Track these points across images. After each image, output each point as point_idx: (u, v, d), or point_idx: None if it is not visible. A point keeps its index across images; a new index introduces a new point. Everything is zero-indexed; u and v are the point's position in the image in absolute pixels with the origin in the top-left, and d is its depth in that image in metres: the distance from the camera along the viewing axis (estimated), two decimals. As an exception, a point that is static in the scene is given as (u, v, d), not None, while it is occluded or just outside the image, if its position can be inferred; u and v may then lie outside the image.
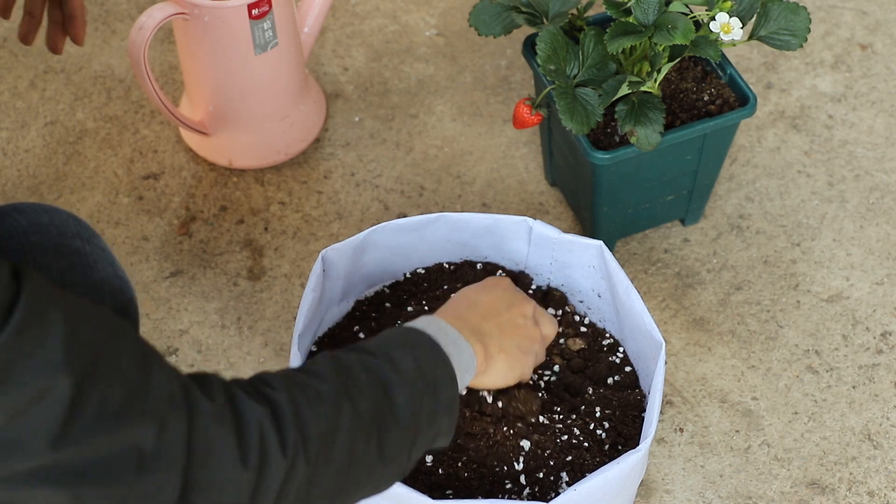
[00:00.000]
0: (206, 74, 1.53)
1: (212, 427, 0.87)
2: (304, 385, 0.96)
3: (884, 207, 1.58)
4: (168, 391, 0.86)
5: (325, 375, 0.98)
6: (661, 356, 1.20)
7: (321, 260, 1.26)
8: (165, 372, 0.87)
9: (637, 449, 1.15)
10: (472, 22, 1.39)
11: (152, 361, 0.87)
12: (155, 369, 0.86)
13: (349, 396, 0.97)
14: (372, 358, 1.01)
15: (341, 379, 0.98)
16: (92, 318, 0.84)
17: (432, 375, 1.03)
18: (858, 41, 1.74)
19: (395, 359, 1.01)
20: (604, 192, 1.43)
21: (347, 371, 0.99)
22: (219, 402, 0.89)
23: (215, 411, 0.88)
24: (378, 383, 1.00)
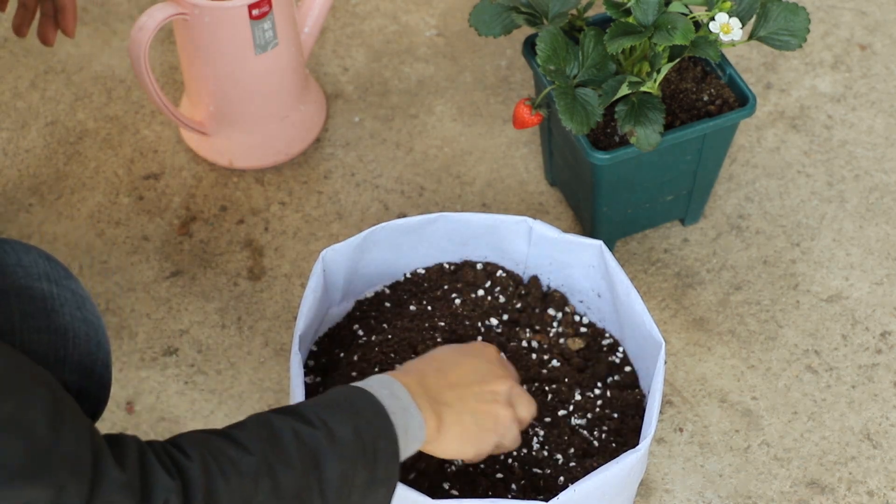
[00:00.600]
0: (206, 74, 1.53)
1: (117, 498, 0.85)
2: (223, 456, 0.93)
3: (883, 207, 1.58)
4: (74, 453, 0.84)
5: (249, 445, 0.95)
6: (661, 356, 1.20)
7: (321, 260, 1.26)
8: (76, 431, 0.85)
9: (636, 448, 1.15)
10: (472, 22, 1.39)
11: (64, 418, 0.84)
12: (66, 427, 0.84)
13: (271, 471, 0.94)
14: (307, 427, 0.97)
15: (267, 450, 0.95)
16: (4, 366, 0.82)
17: (372, 447, 0.99)
18: (858, 41, 1.74)
19: (333, 428, 0.98)
20: (604, 192, 1.43)
21: (276, 441, 0.96)
22: (130, 471, 0.87)
23: (124, 481, 0.86)
24: (309, 455, 0.96)
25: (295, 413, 0.99)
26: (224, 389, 1.44)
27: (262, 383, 1.45)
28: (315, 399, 1.02)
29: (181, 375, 1.45)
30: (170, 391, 1.44)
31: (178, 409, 1.43)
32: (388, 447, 1.01)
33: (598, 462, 1.21)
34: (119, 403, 1.43)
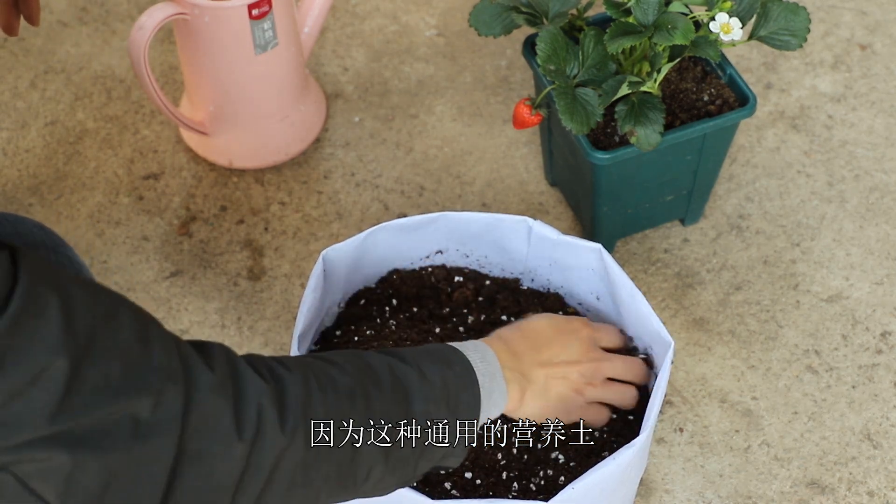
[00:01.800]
0: (206, 74, 1.53)
1: (209, 398, 0.89)
2: (321, 371, 0.97)
3: (883, 207, 1.58)
4: (167, 364, 0.87)
5: (346, 367, 0.99)
6: (669, 355, 1.20)
7: (322, 260, 1.26)
8: (164, 344, 0.88)
9: (633, 442, 1.14)
10: (472, 22, 1.39)
11: (151, 335, 0.88)
12: (154, 342, 0.87)
13: (365, 392, 0.98)
14: (402, 363, 1.03)
15: (362, 375, 0.99)
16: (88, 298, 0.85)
17: (457, 397, 1.04)
18: (858, 41, 1.74)
19: (425, 370, 1.03)
20: (604, 192, 1.43)
21: (370, 369, 1.00)
22: (220, 372, 0.90)
23: (215, 382, 0.89)
24: (400, 388, 1.01)
25: (391, 352, 1.04)
26: (224, 389, 1.44)
27: (262, 383, 1.45)
28: (412, 347, 1.07)
29: (181, 375, 1.45)
30: (170, 391, 1.44)
31: (178, 410, 1.43)
32: (470, 402, 1.05)
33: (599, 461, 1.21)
34: (119, 403, 1.43)
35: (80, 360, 0.82)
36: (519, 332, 1.18)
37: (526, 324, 1.20)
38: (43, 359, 0.81)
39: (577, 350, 1.19)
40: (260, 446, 0.91)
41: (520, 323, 1.20)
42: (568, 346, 1.18)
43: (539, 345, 1.17)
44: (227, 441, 0.90)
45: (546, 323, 1.20)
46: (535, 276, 1.35)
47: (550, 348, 1.17)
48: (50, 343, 0.81)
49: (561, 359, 1.17)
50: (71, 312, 0.83)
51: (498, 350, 1.12)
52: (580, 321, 1.23)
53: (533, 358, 1.15)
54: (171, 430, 0.87)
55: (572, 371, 1.17)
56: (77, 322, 0.83)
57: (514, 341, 1.16)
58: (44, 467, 0.83)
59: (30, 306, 0.80)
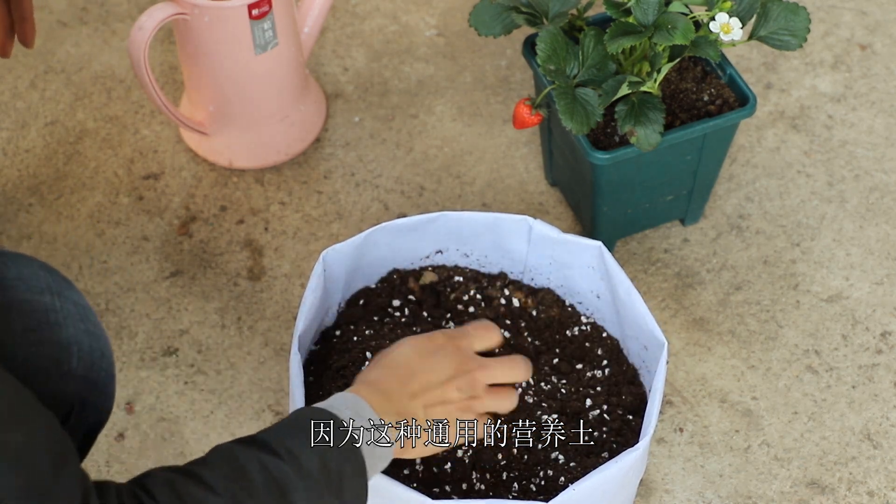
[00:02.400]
0: (206, 74, 1.53)
1: None
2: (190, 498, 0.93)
3: (883, 207, 1.58)
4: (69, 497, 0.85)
5: (216, 484, 0.94)
6: (664, 356, 1.20)
7: (322, 260, 1.26)
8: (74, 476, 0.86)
9: (635, 447, 1.15)
10: (472, 22, 1.39)
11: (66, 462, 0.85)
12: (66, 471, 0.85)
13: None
14: (273, 458, 0.97)
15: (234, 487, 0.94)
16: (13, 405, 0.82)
17: (338, 473, 0.99)
18: (858, 41, 1.74)
19: (299, 457, 0.98)
20: (604, 192, 1.43)
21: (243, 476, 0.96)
22: None
23: None
24: (277, 488, 0.96)
25: (260, 444, 0.98)
26: (224, 389, 1.44)
27: (261, 383, 1.45)
28: (279, 425, 1.02)
29: (181, 375, 1.45)
30: (170, 391, 1.44)
31: (178, 409, 1.43)
32: (354, 472, 1.01)
33: (599, 462, 1.21)
34: (119, 404, 1.43)
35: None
36: (383, 368, 1.11)
37: (387, 357, 1.13)
38: None
39: (446, 366, 1.12)
40: None
41: (380, 358, 1.13)
42: (435, 367, 1.12)
43: (406, 377, 1.10)
44: None
45: (408, 349, 1.13)
46: (536, 275, 1.36)
47: (418, 376, 1.11)
48: None
49: (432, 381, 1.11)
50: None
51: (368, 397, 1.06)
52: (442, 334, 1.16)
53: (404, 392, 1.09)
54: None
55: (449, 391, 1.11)
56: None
57: (381, 381, 1.09)
58: None
59: None
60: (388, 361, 1.13)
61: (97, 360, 1.11)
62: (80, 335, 1.10)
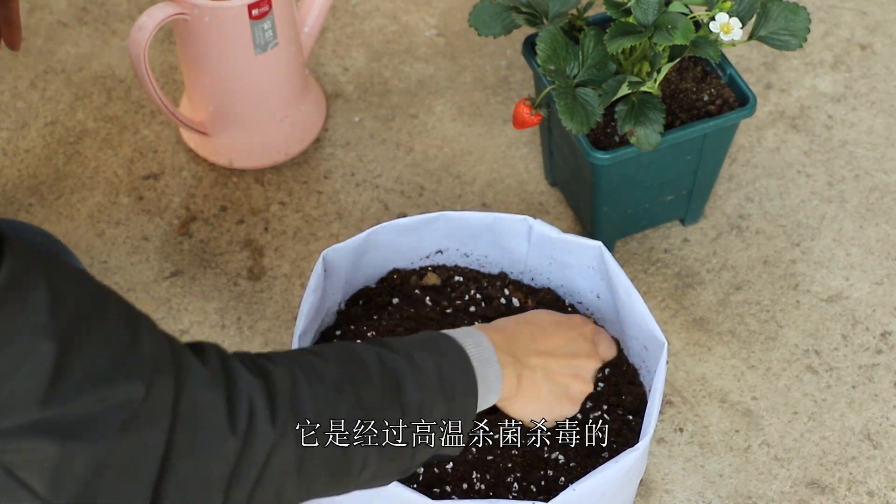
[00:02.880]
0: (206, 74, 1.53)
1: (202, 391, 0.89)
2: (308, 365, 0.96)
3: (883, 207, 1.58)
4: (157, 355, 0.87)
5: (333, 359, 0.98)
6: (664, 356, 1.20)
7: (322, 260, 1.26)
8: (154, 336, 0.88)
9: (635, 447, 1.15)
10: (472, 22, 1.39)
11: (140, 325, 0.87)
12: (143, 332, 0.87)
13: (354, 384, 0.97)
14: (391, 353, 1.01)
15: (350, 366, 0.98)
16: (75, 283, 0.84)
17: (451, 383, 1.03)
18: (858, 41, 1.74)
19: (416, 358, 1.02)
20: (604, 192, 1.43)
21: (359, 359, 0.99)
22: (212, 367, 0.90)
23: (207, 376, 0.89)
24: (391, 377, 1.00)
25: (381, 342, 1.03)
26: (224, 389, 1.44)
27: (262, 383, 1.45)
28: (403, 337, 1.06)
29: (181, 375, 1.45)
30: (170, 391, 1.44)
31: (178, 410, 1.43)
32: (466, 388, 1.04)
33: (599, 462, 1.21)
34: (119, 403, 1.43)
35: (68, 345, 0.82)
36: (518, 322, 1.17)
37: (527, 315, 1.19)
38: (29, 341, 0.80)
39: (579, 345, 1.18)
40: (252, 441, 0.91)
41: (519, 315, 1.19)
42: (570, 340, 1.17)
43: (538, 335, 1.15)
44: (220, 436, 0.89)
45: (548, 315, 1.19)
46: (536, 275, 1.36)
47: (551, 339, 1.16)
48: (36, 326, 0.80)
49: (562, 350, 1.16)
50: (58, 297, 0.82)
51: (492, 336, 1.10)
52: (582, 318, 1.23)
53: (531, 346, 1.13)
54: (161, 422, 0.86)
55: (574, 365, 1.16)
56: (64, 307, 0.82)
57: (511, 329, 1.14)
58: (31, 458, 0.82)
59: (15, 287, 0.80)
60: (524, 317, 1.17)
61: None
62: None
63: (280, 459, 0.93)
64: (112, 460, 0.85)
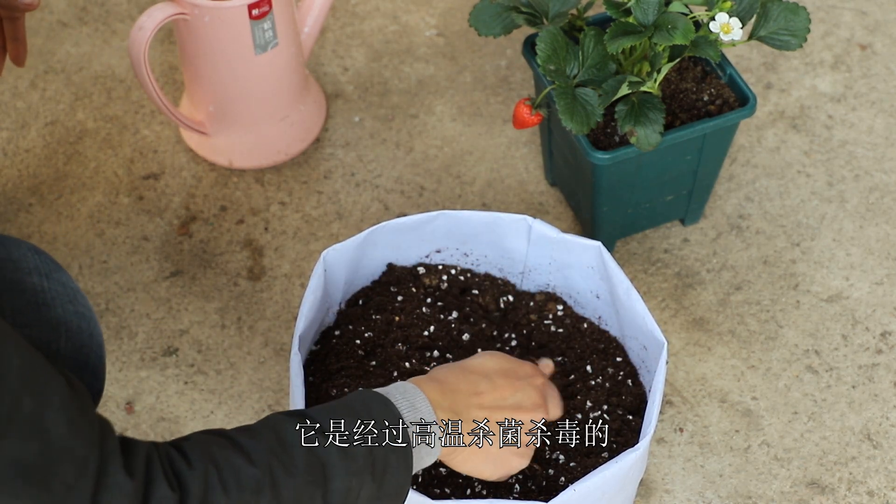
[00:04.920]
0: (206, 74, 1.53)
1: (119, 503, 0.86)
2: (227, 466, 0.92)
3: (883, 207, 1.58)
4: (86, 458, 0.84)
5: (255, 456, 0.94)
6: (663, 356, 1.20)
7: (322, 260, 1.26)
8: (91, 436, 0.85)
9: (635, 447, 1.15)
10: (472, 22, 1.39)
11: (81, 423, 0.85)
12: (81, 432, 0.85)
13: (274, 484, 0.93)
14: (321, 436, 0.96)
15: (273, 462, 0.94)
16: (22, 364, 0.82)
17: (384, 461, 0.98)
18: (858, 41, 1.74)
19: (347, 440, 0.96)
20: (604, 192, 1.43)
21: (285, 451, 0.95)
22: (136, 479, 0.87)
23: (129, 490, 0.87)
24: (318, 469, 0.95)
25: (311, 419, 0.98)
26: (224, 389, 1.44)
27: (262, 383, 1.45)
28: (333, 404, 1.00)
29: (181, 375, 1.45)
30: (170, 391, 1.44)
31: (178, 409, 1.43)
32: (399, 463, 0.99)
33: (599, 462, 1.21)
34: (119, 403, 1.43)
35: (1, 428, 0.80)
36: (460, 370, 1.10)
37: (471, 362, 1.12)
38: None
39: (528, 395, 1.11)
40: None
41: (463, 362, 1.12)
42: (519, 391, 1.11)
43: (481, 386, 1.09)
44: None
45: (494, 362, 1.12)
46: (535, 274, 1.35)
47: (496, 391, 1.10)
48: None
49: (509, 403, 1.10)
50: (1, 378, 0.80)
51: (430, 392, 1.04)
52: (533, 367, 1.16)
53: (472, 400, 1.07)
54: None
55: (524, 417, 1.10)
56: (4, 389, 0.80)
57: (451, 381, 1.08)
58: None
59: None
60: (464, 365, 1.11)
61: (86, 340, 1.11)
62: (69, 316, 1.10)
63: None
64: None
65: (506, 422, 1.09)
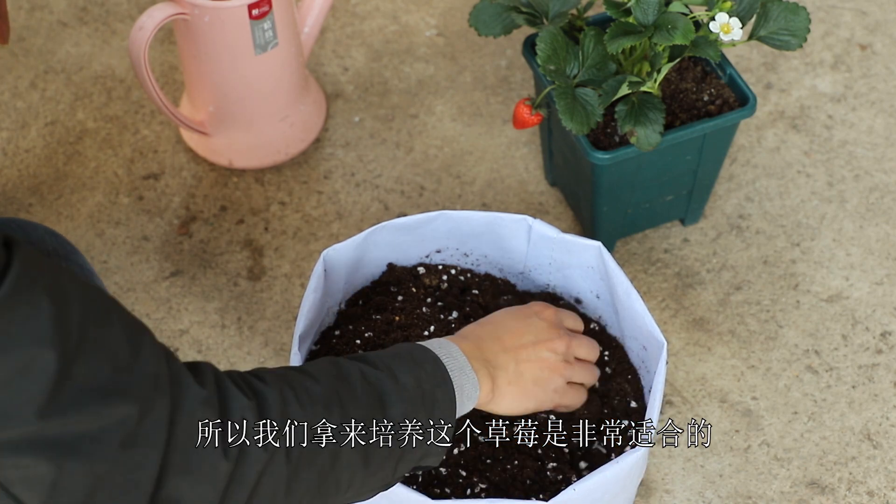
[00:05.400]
0: (206, 74, 1.53)
1: (198, 412, 0.89)
2: (297, 384, 0.98)
3: (883, 207, 1.58)
4: (156, 373, 0.87)
5: (320, 378, 1.00)
6: (663, 356, 1.20)
7: (322, 260, 1.26)
8: (155, 354, 0.88)
9: (636, 448, 1.15)
10: (472, 22, 1.39)
11: (143, 342, 0.88)
12: (145, 350, 0.87)
13: (341, 402, 0.99)
14: (373, 369, 1.03)
15: (337, 383, 1.00)
16: (82, 294, 0.84)
17: (431, 395, 1.05)
18: (858, 41, 1.74)
19: (396, 373, 1.04)
20: (604, 192, 1.43)
21: (344, 377, 1.01)
22: (208, 389, 0.91)
23: (203, 398, 0.90)
24: (374, 393, 1.01)
25: (361, 358, 1.05)
26: (224, 389, 1.44)
27: (262, 383, 1.45)
28: (379, 351, 1.08)
29: (181, 375, 1.45)
30: (170, 391, 1.44)
31: (178, 409, 1.43)
32: (444, 398, 1.06)
33: (599, 462, 1.21)
34: (119, 403, 1.43)
35: (70, 356, 0.81)
36: (479, 325, 1.18)
37: (487, 318, 1.20)
38: (31, 349, 0.80)
39: (542, 329, 1.18)
40: (243, 463, 0.91)
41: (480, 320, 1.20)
42: (531, 327, 1.18)
43: (500, 332, 1.16)
44: (213, 456, 0.90)
45: (504, 312, 1.20)
46: (535, 274, 1.36)
47: (513, 333, 1.17)
48: (39, 334, 0.80)
49: (526, 340, 1.17)
50: (63, 307, 0.82)
51: (462, 345, 1.12)
52: (540, 304, 1.23)
53: (497, 346, 1.15)
54: (157, 442, 0.87)
55: (542, 350, 1.17)
56: (69, 317, 0.82)
57: (477, 335, 1.15)
58: (28, 474, 0.82)
59: (21, 294, 0.79)
60: (482, 321, 1.19)
61: None
62: None
63: (270, 479, 0.93)
64: (108, 479, 0.85)
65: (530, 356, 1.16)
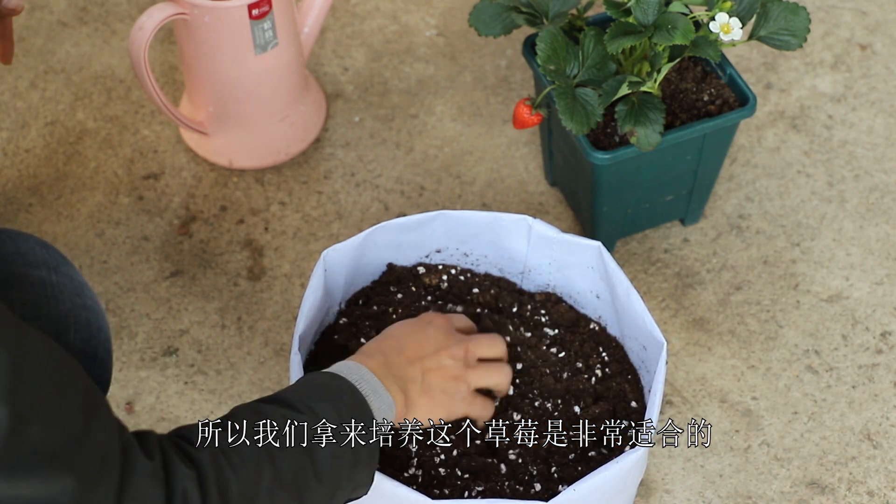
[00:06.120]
0: (206, 74, 1.53)
1: (145, 485, 0.90)
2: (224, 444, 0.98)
3: (883, 207, 1.58)
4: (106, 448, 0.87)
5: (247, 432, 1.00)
6: (663, 356, 1.20)
7: (322, 260, 1.26)
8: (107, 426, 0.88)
9: (636, 448, 1.15)
10: (472, 22, 1.39)
11: (95, 413, 0.87)
12: (97, 422, 0.87)
13: (271, 457, 0.99)
14: (296, 413, 1.03)
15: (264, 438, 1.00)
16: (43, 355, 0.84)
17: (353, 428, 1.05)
18: (858, 41, 1.74)
19: (318, 411, 1.04)
20: (604, 192, 1.43)
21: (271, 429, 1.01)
22: (155, 461, 0.91)
23: (149, 470, 0.90)
24: (300, 439, 1.01)
25: (280, 401, 1.04)
26: (224, 389, 1.44)
27: (262, 383, 1.45)
28: (293, 386, 1.08)
29: (181, 375, 1.45)
30: (170, 391, 1.44)
31: (178, 410, 1.43)
32: (366, 427, 1.06)
33: (599, 462, 1.21)
34: (119, 403, 1.43)
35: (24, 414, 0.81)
36: (380, 341, 1.18)
37: (386, 332, 1.20)
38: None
39: (440, 337, 1.19)
40: None
41: (381, 335, 1.21)
42: (430, 337, 1.19)
43: (402, 346, 1.17)
44: None
45: (400, 325, 1.21)
46: (535, 274, 1.36)
47: (414, 345, 1.17)
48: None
49: (428, 350, 1.18)
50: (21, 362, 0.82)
51: (370, 365, 1.12)
52: (431, 313, 1.24)
53: (401, 359, 1.15)
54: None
55: (443, 357, 1.18)
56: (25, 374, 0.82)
57: (380, 350, 1.16)
58: None
59: None
60: (381, 336, 1.20)
61: (94, 333, 1.13)
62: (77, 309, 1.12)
63: None
64: None
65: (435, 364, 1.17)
